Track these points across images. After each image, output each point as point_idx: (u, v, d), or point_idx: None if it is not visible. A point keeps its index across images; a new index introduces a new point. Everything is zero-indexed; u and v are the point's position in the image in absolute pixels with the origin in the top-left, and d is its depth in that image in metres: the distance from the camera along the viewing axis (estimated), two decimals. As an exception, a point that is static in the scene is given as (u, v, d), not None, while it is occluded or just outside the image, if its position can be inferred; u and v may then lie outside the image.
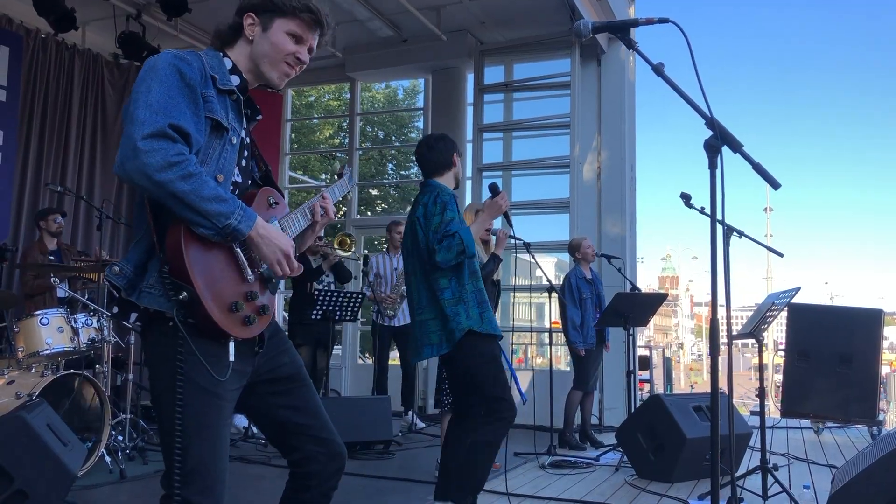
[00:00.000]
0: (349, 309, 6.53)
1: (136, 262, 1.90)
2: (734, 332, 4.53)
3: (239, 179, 2.04)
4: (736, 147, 2.19)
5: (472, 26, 8.69)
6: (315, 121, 18.51)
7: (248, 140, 2.10)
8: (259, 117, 2.16)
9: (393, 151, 19.73)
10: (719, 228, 2.35)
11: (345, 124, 14.70)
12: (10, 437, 3.18)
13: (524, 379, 8.26)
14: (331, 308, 6.39)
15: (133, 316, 1.91)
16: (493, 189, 3.78)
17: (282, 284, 2.44)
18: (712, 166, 2.21)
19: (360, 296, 6.68)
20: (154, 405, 1.94)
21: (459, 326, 3.45)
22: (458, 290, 3.51)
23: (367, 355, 13.38)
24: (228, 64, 2.06)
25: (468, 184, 9.09)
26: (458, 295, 3.50)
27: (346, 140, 11.42)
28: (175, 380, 1.81)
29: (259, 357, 2.07)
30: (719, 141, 2.18)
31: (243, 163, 2.07)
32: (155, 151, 1.74)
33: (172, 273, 1.80)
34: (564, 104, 8.48)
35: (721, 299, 2.34)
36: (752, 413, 8.89)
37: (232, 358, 1.90)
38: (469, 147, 9.11)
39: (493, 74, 9.09)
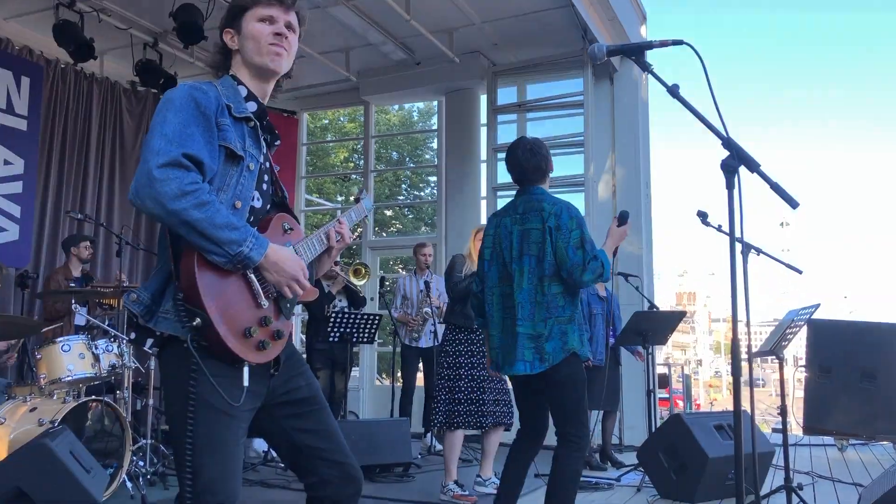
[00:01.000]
0: (366, 331, 6.54)
1: (153, 290, 1.94)
2: (754, 349, 4.51)
3: (258, 204, 2.07)
4: (753, 167, 2.19)
5: (484, 48, 8.75)
6: (330, 143, 18.63)
7: (267, 165, 2.14)
8: (278, 143, 2.19)
9: (407, 172, 19.82)
10: (736, 246, 2.35)
11: (359, 146, 14.81)
12: (35, 463, 3.21)
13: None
14: (348, 330, 6.40)
15: (149, 342, 1.95)
16: (623, 218, 3.61)
17: (298, 307, 2.46)
18: (729, 186, 2.20)
19: (377, 318, 6.69)
20: (168, 425, 1.99)
21: (566, 346, 3.40)
22: (571, 310, 3.46)
23: (384, 376, 13.37)
24: (244, 91, 2.10)
25: (483, 203, 9.12)
26: (570, 314, 3.45)
27: (361, 162, 11.49)
28: (187, 401, 1.85)
29: (274, 379, 2.08)
30: (736, 161, 2.18)
31: (263, 187, 2.10)
32: (169, 180, 1.78)
33: (186, 300, 1.83)
34: (578, 123, 8.50)
35: (733, 315, 2.34)
36: (774, 430, 8.80)
37: (246, 383, 1.92)
38: (483, 167, 9.15)
39: (507, 95, 9.13)
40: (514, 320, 3.49)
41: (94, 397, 4.78)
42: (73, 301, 5.08)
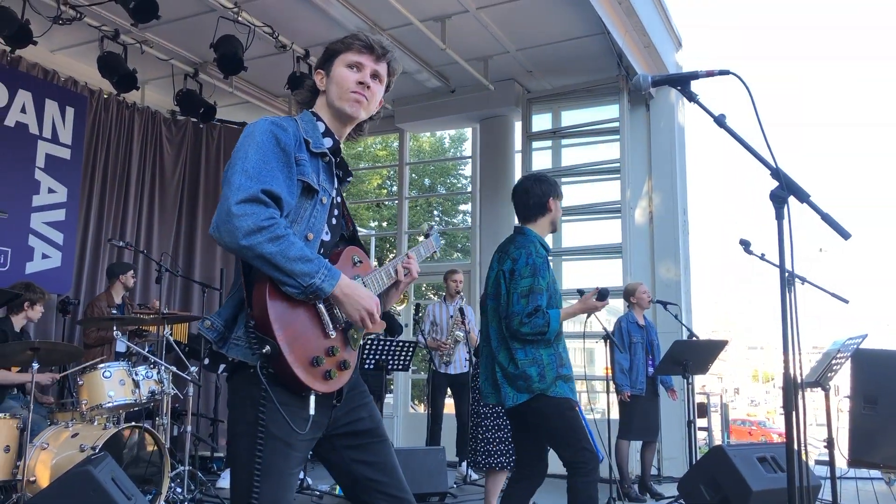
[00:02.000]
0: (401, 358, 6.53)
1: (226, 317, 2.00)
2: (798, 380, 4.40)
3: (328, 238, 2.12)
4: (803, 198, 2.16)
5: (519, 75, 8.79)
6: (363, 170, 18.79)
7: (338, 200, 2.19)
8: (350, 179, 2.25)
9: (440, 199, 19.90)
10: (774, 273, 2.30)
11: (391, 173, 14.89)
12: (78, 490, 3.24)
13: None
14: (383, 357, 6.40)
15: (221, 367, 2.01)
16: (603, 294, 3.59)
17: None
18: (779, 217, 2.17)
19: (411, 345, 6.68)
20: (229, 446, 2.03)
21: (531, 387, 3.37)
22: (534, 351, 3.42)
23: (416, 402, 13.33)
24: (322, 127, 2.16)
25: (518, 231, 9.08)
26: (532, 356, 3.41)
27: (394, 188, 11.54)
28: (255, 428, 1.90)
29: (337, 410, 2.11)
30: (785, 192, 2.15)
31: (333, 221, 2.15)
32: (247, 216, 1.83)
33: (257, 328, 1.88)
34: (614, 149, 8.49)
35: (784, 347, 2.29)
36: (818, 462, 8.57)
37: (312, 412, 1.96)
38: (518, 194, 9.13)
39: (541, 122, 9.17)
40: (491, 355, 3.54)
41: (133, 423, 4.82)
42: (115, 328, 5.14)
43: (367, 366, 6.32)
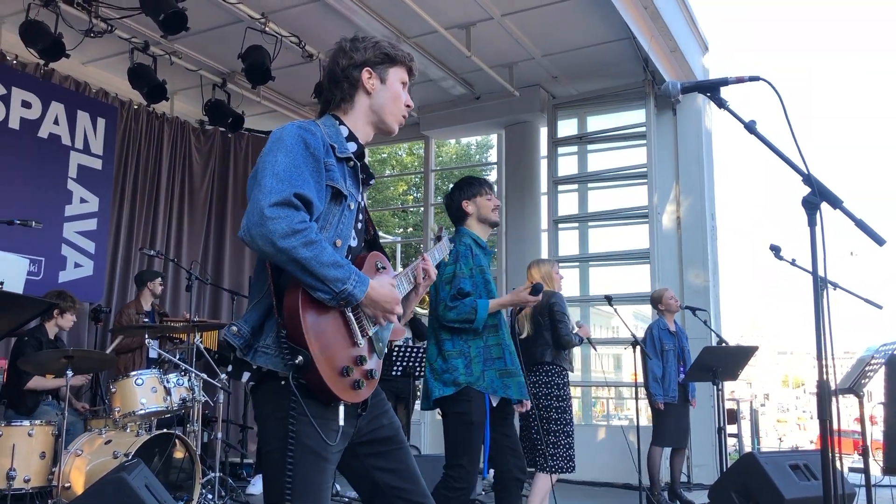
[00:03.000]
0: (429, 365, 6.54)
1: (253, 323, 1.97)
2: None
3: (354, 244, 2.11)
4: (836, 204, 2.13)
5: (544, 81, 8.78)
6: (389, 177, 18.84)
7: (362, 204, 2.19)
8: (372, 182, 2.23)
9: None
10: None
11: (417, 179, 14.93)
12: (112, 497, 3.27)
13: (599, 433, 8.12)
14: (411, 363, 6.42)
15: (246, 375, 1.97)
16: (536, 289, 3.64)
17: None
18: (811, 224, 2.15)
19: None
20: (263, 461, 1.99)
21: (456, 380, 3.38)
22: (462, 343, 3.43)
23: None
24: (345, 132, 2.14)
25: (543, 236, 9.08)
26: (459, 348, 3.42)
27: (419, 194, 11.56)
28: (286, 441, 1.86)
29: (361, 419, 2.10)
30: (818, 198, 2.13)
31: (359, 226, 2.14)
32: (280, 219, 1.81)
33: (290, 338, 1.86)
34: (640, 154, 8.44)
35: (818, 354, 2.26)
36: (851, 470, 8.44)
37: (342, 422, 1.95)
38: (543, 200, 9.12)
39: (567, 127, 9.14)
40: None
41: (165, 430, 4.87)
42: (146, 336, 5.21)
43: (394, 372, 6.34)
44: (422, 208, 11.38)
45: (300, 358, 1.83)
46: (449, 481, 3.35)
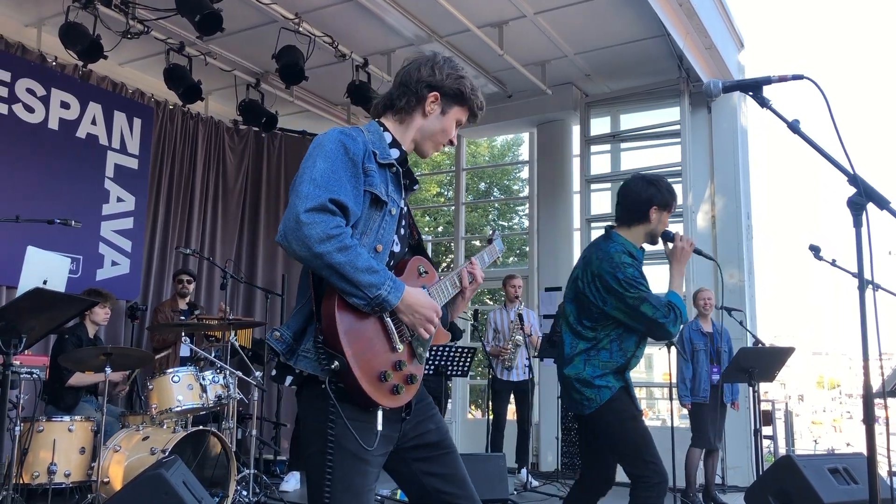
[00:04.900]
0: (461, 363, 6.54)
1: (295, 329, 2.00)
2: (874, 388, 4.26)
3: (397, 249, 2.12)
4: (882, 204, 2.09)
5: (577, 79, 8.73)
6: (421, 176, 18.86)
7: (405, 209, 2.19)
8: (416, 187, 2.23)
9: (496, 204, 19.87)
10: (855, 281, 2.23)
11: (448, 178, 14.92)
12: (151, 494, 3.31)
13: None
14: (443, 363, 6.42)
15: (289, 379, 2.00)
16: (668, 235, 3.37)
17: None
18: (857, 225, 2.10)
19: (471, 351, 6.68)
20: (305, 463, 2.02)
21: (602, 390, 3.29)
22: (618, 356, 3.33)
23: (472, 408, 13.32)
24: (388, 138, 2.15)
25: (576, 235, 9.03)
26: (617, 360, 3.32)
27: (450, 193, 11.56)
28: (326, 444, 1.89)
29: (406, 423, 2.10)
30: (864, 198, 2.09)
31: (402, 231, 2.15)
32: (315, 224, 1.83)
33: (326, 343, 1.87)
34: (674, 152, 8.36)
35: (864, 356, 2.22)
36: (891, 474, 8.28)
37: (380, 427, 1.95)
38: (576, 198, 9.08)
39: (600, 125, 9.07)
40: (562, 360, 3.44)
41: (201, 427, 4.93)
42: (182, 333, 5.27)
43: (426, 371, 6.34)
44: (452, 207, 11.37)
45: (336, 363, 1.85)
46: (643, 482, 3.20)
